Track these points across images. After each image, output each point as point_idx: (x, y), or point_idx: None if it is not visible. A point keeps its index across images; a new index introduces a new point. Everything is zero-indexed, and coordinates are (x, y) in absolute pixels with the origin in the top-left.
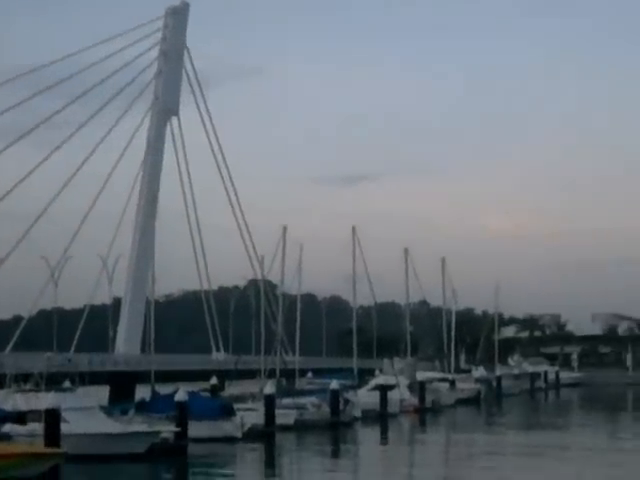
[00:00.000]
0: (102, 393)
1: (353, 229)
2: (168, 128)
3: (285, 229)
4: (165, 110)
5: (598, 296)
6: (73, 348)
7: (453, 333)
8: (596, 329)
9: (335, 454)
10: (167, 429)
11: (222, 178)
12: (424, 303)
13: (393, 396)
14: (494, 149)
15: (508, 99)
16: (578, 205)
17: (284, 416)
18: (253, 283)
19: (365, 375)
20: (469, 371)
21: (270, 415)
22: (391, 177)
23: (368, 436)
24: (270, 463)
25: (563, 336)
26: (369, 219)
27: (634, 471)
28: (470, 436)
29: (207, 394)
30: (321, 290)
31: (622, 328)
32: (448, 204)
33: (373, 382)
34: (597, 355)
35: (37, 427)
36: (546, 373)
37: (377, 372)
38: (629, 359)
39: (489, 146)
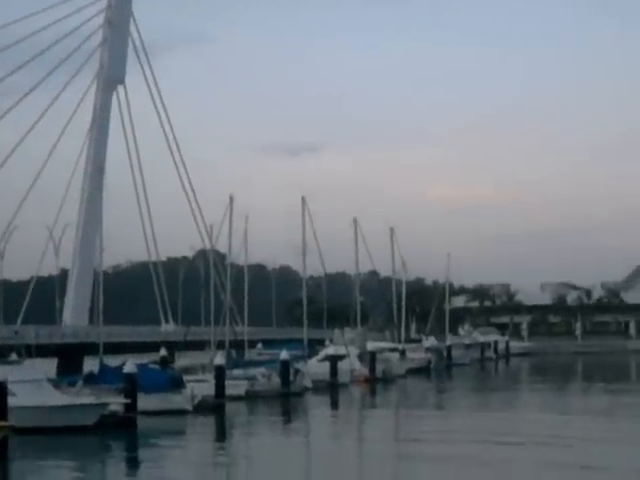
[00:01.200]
0: (50, 365)
1: (303, 199)
2: (114, 97)
3: (232, 199)
4: (111, 79)
5: (548, 266)
6: (20, 320)
7: (403, 303)
8: (546, 299)
9: (286, 424)
10: (116, 401)
11: (169, 147)
12: (374, 273)
13: (343, 366)
14: (444, 117)
15: (456, 64)
16: (528, 175)
17: (234, 387)
18: (202, 254)
19: (315, 345)
20: (419, 341)
21: (220, 386)
22: (340, 147)
23: (319, 406)
24: (221, 434)
25: (513, 306)
26: (318, 189)
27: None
28: (420, 405)
29: (156, 366)
30: (271, 260)
31: (571, 297)
32: (398, 174)
33: (323, 352)
34: (547, 324)
35: None
36: (496, 343)
37: (327, 342)
38: (578, 328)
39: (439, 115)
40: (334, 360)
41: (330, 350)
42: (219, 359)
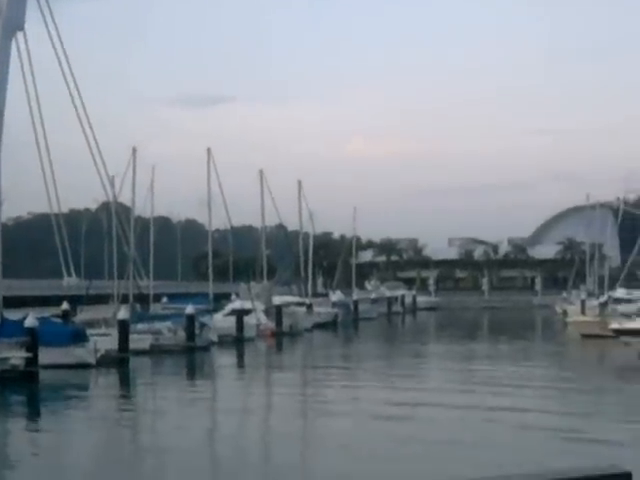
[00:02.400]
0: None
1: (208, 151)
2: (14, 44)
3: (135, 150)
4: (9, 24)
5: (455, 221)
6: None
7: (310, 257)
8: (453, 254)
9: (191, 377)
10: (16, 355)
11: (71, 97)
12: (281, 227)
13: (250, 320)
14: (353, 73)
15: (367, 20)
16: (436, 130)
17: (139, 341)
18: (105, 206)
19: (221, 299)
20: (326, 295)
21: (124, 340)
22: (247, 100)
23: (224, 360)
24: (124, 388)
25: (420, 260)
26: (225, 142)
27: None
28: (325, 358)
29: (58, 320)
30: (176, 213)
31: (478, 253)
32: (305, 127)
33: (229, 306)
34: (454, 279)
35: None
36: (403, 297)
37: (233, 296)
38: (485, 283)
39: (348, 69)
40: (240, 314)
41: (236, 304)
42: (123, 313)
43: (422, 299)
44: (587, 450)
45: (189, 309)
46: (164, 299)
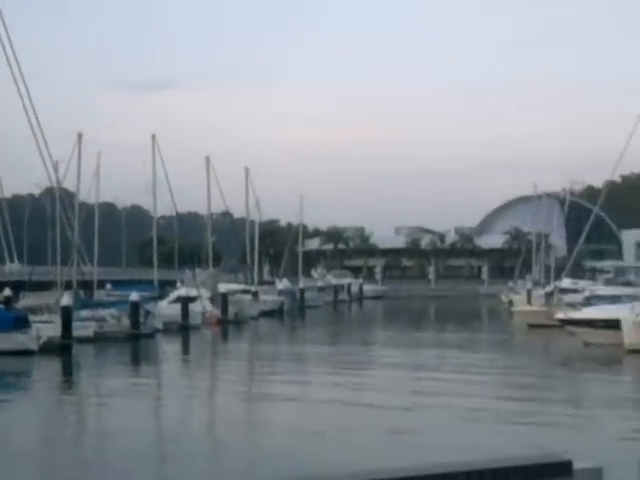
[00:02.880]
0: None
1: (153, 137)
2: None
3: (81, 136)
4: None
5: (402, 210)
6: None
7: (256, 245)
8: (400, 242)
9: (135, 365)
10: None
11: (14, 80)
12: (227, 214)
13: (195, 308)
14: (303, 58)
15: (310, 4)
16: (383, 117)
17: (82, 328)
18: (49, 191)
19: (166, 287)
20: (272, 283)
21: (67, 327)
22: (195, 85)
23: (169, 347)
24: (67, 375)
25: (367, 249)
26: (171, 127)
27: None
28: (271, 346)
29: (0, 305)
30: (121, 199)
31: (425, 241)
32: (253, 114)
33: (174, 294)
34: (400, 268)
35: None
36: (349, 285)
37: (178, 284)
38: (432, 272)
39: (298, 55)
40: (185, 302)
41: (181, 291)
42: (66, 299)
43: (369, 287)
44: (530, 433)
45: (133, 296)
46: (108, 286)
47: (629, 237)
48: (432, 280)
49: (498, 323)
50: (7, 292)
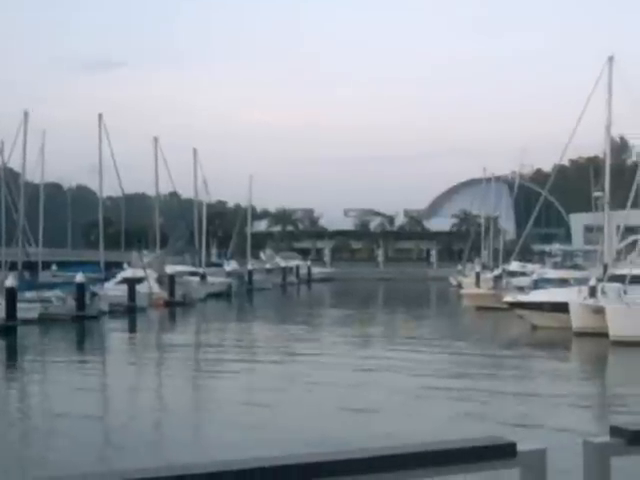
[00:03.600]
0: None
1: (99, 116)
2: None
3: (27, 114)
4: None
5: (351, 192)
6: None
7: (205, 226)
8: (349, 224)
9: (80, 346)
10: None
11: None
12: (175, 195)
13: (142, 289)
14: (249, 39)
15: None
16: (334, 100)
17: (27, 310)
18: None
19: (113, 268)
20: (221, 265)
21: (12, 309)
22: (143, 64)
23: (115, 329)
24: (11, 357)
25: (316, 231)
26: (119, 107)
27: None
28: (218, 328)
29: None
30: (67, 180)
31: (374, 224)
32: (202, 94)
33: (121, 275)
34: (349, 250)
35: None
36: (298, 268)
37: (125, 265)
38: (380, 255)
39: (244, 37)
40: (132, 283)
41: (128, 273)
42: (10, 281)
43: (317, 270)
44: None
45: (79, 277)
46: (54, 267)
47: (577, 221)
48: (381, 263)
49: (447, 306)
50: None
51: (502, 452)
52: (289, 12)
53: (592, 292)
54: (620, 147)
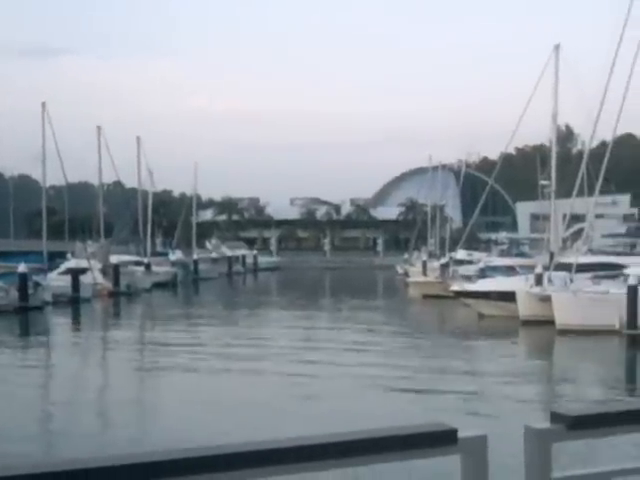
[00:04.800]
0: None
1: (43, 104)
2: None
3: None
4: None
5: (297, 181)
6: None
7: (149, 215)
8: (295, 213)
9: (22, 338)
10: None
11: None
12: (119, 184)
13: (85, 280)
14: (194, 27)
15: None
16: (279, 88)
17: None
18: None
19: (56, 258)
20: (166, 254)
21: None
22: (87, 52)
23: (58, 320)
24: None
25: (262, 220)
26: (63, 95)
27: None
28: (162, 317)
29: None
30: (9, 169)
31: (320, 213)
32: (146, 83)
33: (64, 265)
34: (296, 239)
35: None
36: (244, 257)
37: (69, 255)
38: (327, 243)
39: (188, 24)
40: (76, 273)
41: (71, 263)
42: None
43: (264, 259)
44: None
45: (22, 267)
46: None
47: (524, 209)
48: (327, 251)
49: (393, 294)
50: None
51: (443, 439)
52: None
53: (538, 280)
54: (566, 136)
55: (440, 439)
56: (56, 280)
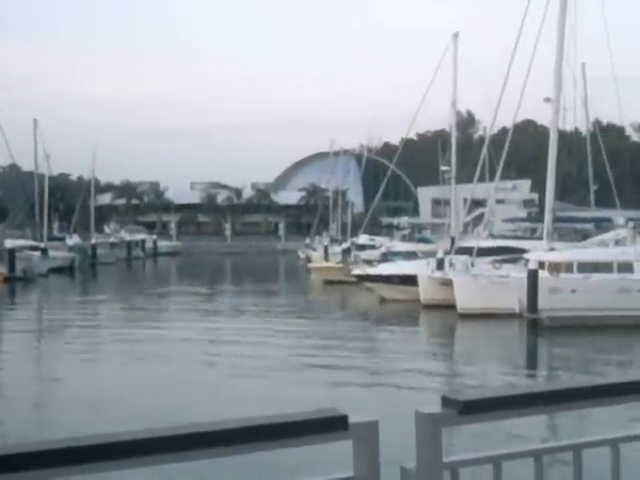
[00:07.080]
0: None
1: None
2: None
3: None
4: None
5: (197, 165)
6: None
7: (46, 199)
8: (195, 198)
9: None
10: None
11: None
12: (14, 167)
13: None
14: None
15: None
16: (180, 71)
17: None
18: None
19: None
20: (63, 239)
21: None
22: None
23: None
24: None
25: (161, 204)
26: None
27: None
28: (60, 302)
29: None
30: None
31: (221, 197)
32: (44, 64)
33: None
34: (196, 224)
35: None
36: (144, 241)
37: None
38: (228, 228)
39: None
40: None
41: None
42: None
43: (163, 244)
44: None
45: None
46: None
47: (425, 194)
48: (228, 236)
49: (295, 279)
50: None
51: (334, 425)
52: None
53: (440, 265)
54: (468, 122)
55: (331, 425)
56: None
